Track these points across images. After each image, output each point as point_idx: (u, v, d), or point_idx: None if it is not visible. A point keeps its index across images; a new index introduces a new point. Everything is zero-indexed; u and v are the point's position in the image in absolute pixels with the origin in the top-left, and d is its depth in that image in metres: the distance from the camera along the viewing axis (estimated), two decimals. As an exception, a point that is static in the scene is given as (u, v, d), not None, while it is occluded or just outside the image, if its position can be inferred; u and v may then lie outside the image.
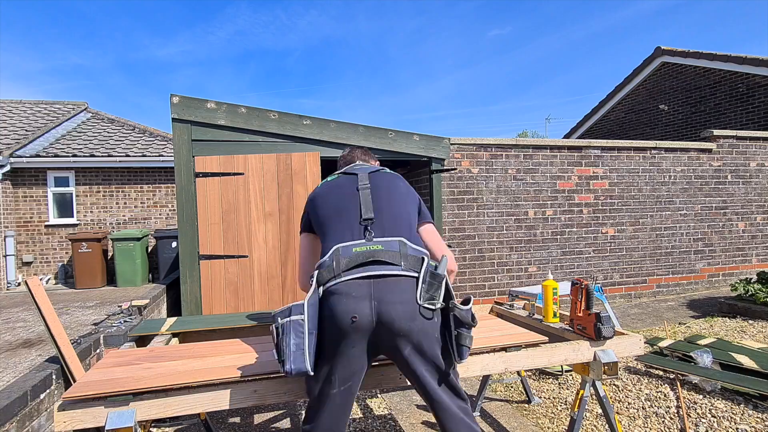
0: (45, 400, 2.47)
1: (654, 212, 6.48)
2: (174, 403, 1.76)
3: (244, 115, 4.57)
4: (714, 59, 9.19)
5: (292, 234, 4.63)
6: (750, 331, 4.56)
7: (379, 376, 2.00)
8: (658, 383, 3.39)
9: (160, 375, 1.85)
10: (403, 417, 3.20)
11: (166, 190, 9.65)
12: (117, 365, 2.03)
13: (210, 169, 4.49)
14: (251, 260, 4.54)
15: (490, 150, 5.79)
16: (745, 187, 6.90)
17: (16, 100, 11.51)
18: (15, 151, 8.75)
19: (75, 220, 9.25)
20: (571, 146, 6.14)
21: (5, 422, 2.11)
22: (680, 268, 6.62)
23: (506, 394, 3.56)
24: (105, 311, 6.05)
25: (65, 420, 1.66)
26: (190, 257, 4.45)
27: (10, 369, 3.76)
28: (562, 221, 6.08)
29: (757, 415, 2.85)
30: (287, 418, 3.26)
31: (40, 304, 2.41)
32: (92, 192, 9.34)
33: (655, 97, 10.68)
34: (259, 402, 1.86)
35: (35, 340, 4.74)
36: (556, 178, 6.05)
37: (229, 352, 2.20)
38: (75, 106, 11.57)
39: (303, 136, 4.73)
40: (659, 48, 10.31)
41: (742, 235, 6.92)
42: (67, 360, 2.50)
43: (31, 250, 9.12)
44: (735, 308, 5.27)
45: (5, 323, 5.63)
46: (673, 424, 2.87)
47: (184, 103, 4.43)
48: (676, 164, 6.53)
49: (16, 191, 9.03)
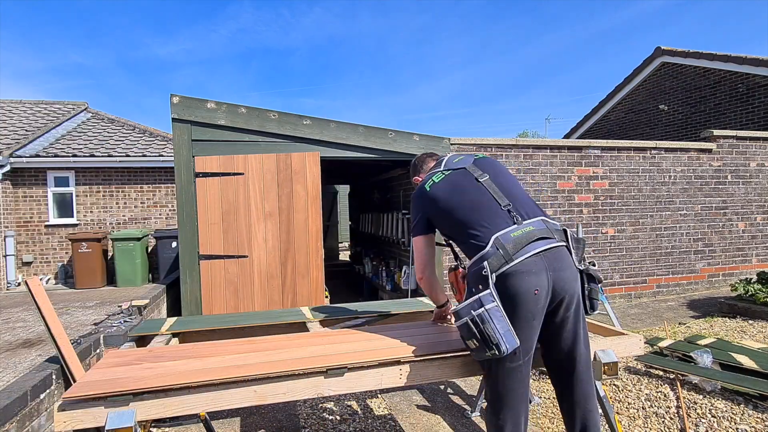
0: (45, 400, 2.47)
1: (654, 212, 6.48)
2: (174, 403, 1.76)
3: (244, 115, 4.57)
4: (714, 59, 9.19)
5: (291, 234, 4.63)
6: (750, 331, 4.56)
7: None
8: (658, 383, 3.39)
9: (160, 375, 1.85)
10: (403, 417, 3.20)
11: (166, 190, 9.65)
12: (117, 365, 2.03)
13: (210, 169, 4.49)
14: (251, 260, 4.54)
15: (490, 150, 5.79)
16: (745, 187, 6.90)
17: (16, 100, 11.51)
18: (15, 151, 8.75)
19: (75, 220, 9.25)
20: (571, 146, 6.14)
21: (5, 422, 2.11)
22: (680, 268, 6.61)
23: (506, 394, 3.55)
24: (105, 311, 6.05)
25: (65, 420, 1.66)
26: (190, 257, 4.45)
27: (10, 369, 3.76)
28: (562, 221, 6.08)
29: (757, 415, 2.85)
30: (287, 418, 3.26)
31: (40, 304, 2.41)
32: (92, 192, 9.33)
33: (655, 97, 10.67)
34: (259, 402, 1.86)
35: (35, 340, 4.74)
36: (556, 178, 6.05)
37: (229, 352, 2.20)
38: (75, 106, 11.57)
39: (303, 136, 4.73)
40: (659, 48, 10.31)
41: (742, 235, 6.91)
42: (67, 360, 2.50)
43: (31, 250, 9.12)
44: (735, 308, 5.27)
45: (5, 323, 5.63)
46: (673, 424, 2.87)
47: (184, 103, 4.43)
48: (676, 164, 6.53)
49: (16, 191, 9.03)
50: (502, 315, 1.73)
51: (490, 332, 1.71)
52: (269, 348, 2.24)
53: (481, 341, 1.74)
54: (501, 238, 1.83)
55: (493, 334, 1.71)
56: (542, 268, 1.79)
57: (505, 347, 1.71)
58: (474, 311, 1.74)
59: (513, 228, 1.86)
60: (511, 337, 1.73)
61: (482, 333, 1.72)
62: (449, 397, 3.54)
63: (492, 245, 1.83)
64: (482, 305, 1.73)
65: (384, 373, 2.02)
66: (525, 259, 1.79)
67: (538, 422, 3.05)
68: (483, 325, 1.72)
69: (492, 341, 1.72)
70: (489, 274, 1.79)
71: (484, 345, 1.73)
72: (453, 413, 3.25)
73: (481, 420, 3.11)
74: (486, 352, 1.74)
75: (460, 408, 3.33)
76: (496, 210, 1.93)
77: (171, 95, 4.39)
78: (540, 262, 1.80)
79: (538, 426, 3.01)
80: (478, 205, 1.96)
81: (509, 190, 2.01)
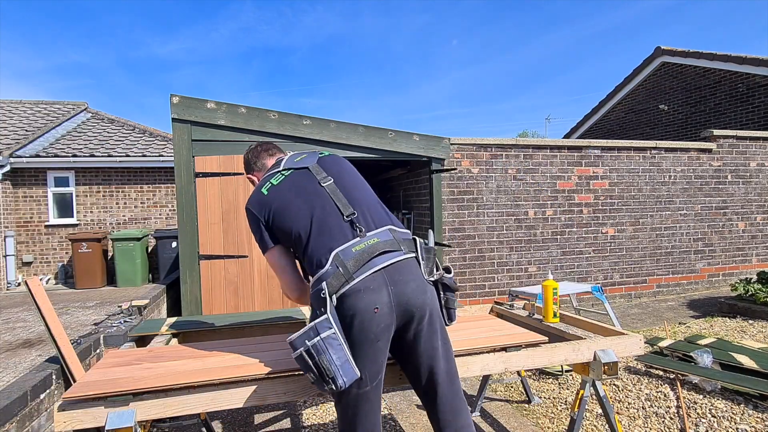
0: (45, 400, 2.47)
1: (654, 212, 6.48)
2: (174, 403, 1.76)
3: (243, 115, 4.57)
4: (714, 59, 9.19)
5: (292, 234, 4.63)
6: (750, 331, 4.56)
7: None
8: (658, 383, 3.39)
9: (160, 375, 1.85)
10: (403, 417, 3.20)
11: (166, 190, 9.65)
12: (117, 365, 2.03)
13: (210, 169, 4.49)
14: (251, 260, 4.55)
15: (490, 150, 5.79)
16: (745, 187, 6.90)
17: (16, 101, 11.52)
18: (15, 151, 8.75)
19: (75, 220, 9.25)
20: (571, 146, 6.14)
21: (5, 422, 2.11)
22: (680, 268, 6.62)
23: (506, 394, 3.56)
24: (105, 311, 6.05)
25: (65, 420, 1.66)
26: (190, 257, 4.45)
27: (10, 369, 3.76)
28: (562, 221, 6.08)
29: (757, 415, 2.85)
30: (287, 418, 3.26)
31: (40, 305, 2.41)
32: (92, 192, 9.34)
33: (655, 97, 10.68)
34: (259, 402, 1.86)
35: (35, 340, 4.74)
36: (556, 178, 6.05)
37: (229, 352, 2.20)
38: (75, 106, 11.58)
39: (303, 136, 4.73)
40: (659, 48, 10.31)
41: (742, 235, 6.92)
42: (67, 360, 2.50)
43: (31, 250, 9.12)
44: (735, 308, 5.27)
45: (5, 323, 5.63)
46: (673, 424, 2.87)
47: (184, 103, 4.43)
48: (676, 164, 6.53)
49: (16, 191, 9.03)
50: (340, 343, 1.54)
51: (326, 365, 1.52)
52: (269, 348, 2.24)
53: (317, 375, 1.55)
54: (341, 255, 1.64)
55: (329, 367, 1.52)
56: (382, 283, 1.62)
57: (342, 381, 1.53)
58: (308, 341, 1.54)
59: (355, 242, 1.67)
60: (350, 369, 1.55)
61: (317, 366, 1.53)
62: (449, 397, 3.53)
63: (332, 263, 1.64)
64: (318, 334, 1.53)
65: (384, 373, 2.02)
66: (365, 278, 1.61)
67: (538, 422, 3.06)
68: (318, 357, 1.53)
69: (328, 375, 1.53)
70: (327, 296, 1.59)
71: (320, 379, 1.55)
72: (453, 413, 3.24)
73: (481, 420, 3.11)
74: (324, 386, 1.56)
75: (460, 408, 3.33)
76: (338, 221, 1.72)
77: (171, 95, 4.39)
78: (379, 278, 1.62)
79: (538, 426, 3.01)
80: (318, 215, 1.74)
81: (355, 197, 1.80)
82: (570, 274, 6.10)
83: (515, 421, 3.09)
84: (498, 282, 5.84)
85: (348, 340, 1.60)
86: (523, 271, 5.95)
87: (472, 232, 5.74)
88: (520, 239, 5.93)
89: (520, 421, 3.08)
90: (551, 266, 6.02)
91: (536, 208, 5.99)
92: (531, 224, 5.97)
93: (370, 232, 1.71)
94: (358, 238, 1.69)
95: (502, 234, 5.86)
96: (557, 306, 2.64)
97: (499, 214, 5.84)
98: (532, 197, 5.97)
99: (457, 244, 5.66)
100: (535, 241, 5.98)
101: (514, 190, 5.89)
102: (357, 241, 1.68)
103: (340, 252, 1.65)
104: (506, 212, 5.87)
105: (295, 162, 1.90)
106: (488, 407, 3.30)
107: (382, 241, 1.69)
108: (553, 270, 6.03)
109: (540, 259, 6.00)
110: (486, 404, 3.34)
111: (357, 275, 1.61)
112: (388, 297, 1.62)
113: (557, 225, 6.07)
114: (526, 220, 5.95)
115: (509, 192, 5.88)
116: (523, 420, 3.10)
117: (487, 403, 3.36)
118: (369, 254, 1.65)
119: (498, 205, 5.84)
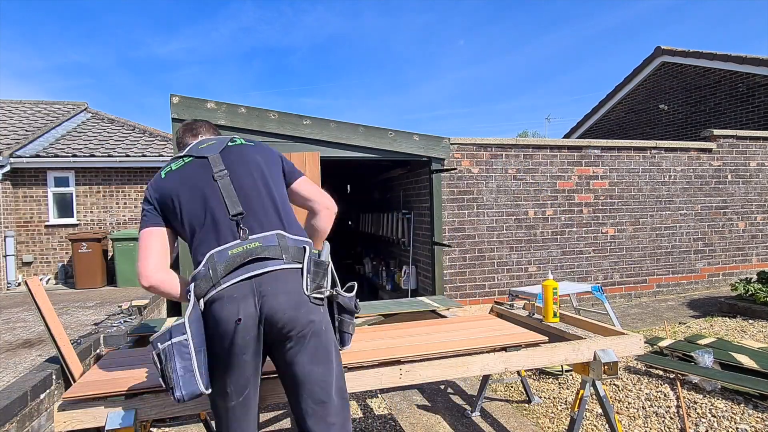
0: (45, 400, 2.47)
1: (654, 212, 6.48)
2: (174, 403, 1.76)
3: (243, 115, 4.57)
4: (714, 59, 9.19)
5: (292, 234, 4.63)
6: (750, 331, 4.56)
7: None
8: (658, 383, 3.39)
9: (160, 375, 1.85)
10: (403, 417, 3.20)
11: (166, 190, 9.65)
12: (117, 365, 2.03)
13: (210, 169, 4.49)
14: (251, 260, 4.54)
15: (490, 150, 5.79)
16: (745, 186, 6.89)
17: (16, 101, 11.52)
18: (15, 151, 8.75)
19: (75, 220, 9.25)
20: (571, 146, 6.14)
21: (5, 422, 2.11)
22: (680, 267, 6.62)
23: (506, 394, 3.56)
24: (105, 311, 6.05)
25: (65, 420, 1.66)
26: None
27: (10, 369, 3.76)
28: (562, 221, 6.08)
29: (757, 414, 2.85)
30: (287, 418, 3.26)
31: (40, 305, 2.41)
32: (92, 192, 9.34)
33: (655, 97, 10.67)
34: (259, 402, 1.85)
35: (35, 340, 4.74)
36: (556, 178, 6.05)
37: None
38: (75, 106, 11.58)
39: (303, 136, 4.73)
40: (659, 48, 10.31)
41: (742, 235, 6.91)
42: (67, 360, 2.49)
43: (31, 250, 9.12)
44: (735, 308, 5.27)
45: (5, 323, 5.63)
46: (673, 424, 2.87)
47: (183, 103, 4.43)
48: (676, 164, 6.53)
49: (16, 191, 9.03)
50: (189, 352, 1.43)
51: (169, 372, 1.42)
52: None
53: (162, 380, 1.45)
54: (216, 256, 1.53)
55: (171, 376, 1.41)
56: (248, 293, 1.49)
57: (180, 393, 1.42)
58: (161, 344, 1.44)
59: (234, 244, 1.55)
60: (192, 382, 1.42)
61: (162, 372, 1.44)
62: (449, 396, 3.54)
63: (205, 264, 1.53)
64: (171, 338, 1.43)
65: (384, 373, 2.02)
66: (231, 285, 1.49)
67: (539, 422, 3.06)
68: (165, 362, 1.43)
69: (168, 384, 1.43)
70: (193, 299, 1.50)
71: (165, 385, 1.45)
72: (453, 413, 3.25)
73: (481, 420, 3.11)
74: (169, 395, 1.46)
75: (460, 408, 3.34)
76: (222, 219, 1.59)
77: (171, 95, 4.39)
78: (246, 287, 1.50)
79: (538, 426, 3.01)
80: (204, 210, 1.61)
81: (248, 194, 1.65)
82: (570, 274, 6.10)
83: (515, 420, 3.09)
84: (498, 282, 5.84)
85: (210, 350, 1.50)
86: (523, 270, 5.95)
87: (472, 231, 5.74)
88: (520, 239, 5.93)
89: (520, 421, 3.08)
90: (551, 266, 6.02)
91: (536, 208, 5.99)
92: (531, 224, 5.97)
93: (253, 234, 1.59)
94: (238, 240, 1.57)
95: (502, 234, 5.86)
96: (557, 306, 2.64)
97: (499, 213, 5.84)
98: (532, 197, 5.96)
99: (457, 244, 5.66)
100: (535, 240, 5.98)
101: (514, 189, 5.89)
102: (236, 243, 1.56)
103: (215, 253, 1.55)
104: (506, 212, 5.87)
105: (199, 149, 1.75)
106: (488, 407, 3.30)
107: (263, 246, 1.56)
108: (553, 270, 6.03)
109: (540, 259, 6.00)
110: (486, 404, 3.34)
111: (224, 281, 1.50)
112: (255, 309, 1.49)
113: (557, 225, 6.07)
114: (526, 219, 5.95)
115: (509, 192, 5.88)
116: (523, 420, 3.10)
117: (487, 402, 3.36)
118: (242, 259, 1.53)
119: (498, 205, 5.84)
